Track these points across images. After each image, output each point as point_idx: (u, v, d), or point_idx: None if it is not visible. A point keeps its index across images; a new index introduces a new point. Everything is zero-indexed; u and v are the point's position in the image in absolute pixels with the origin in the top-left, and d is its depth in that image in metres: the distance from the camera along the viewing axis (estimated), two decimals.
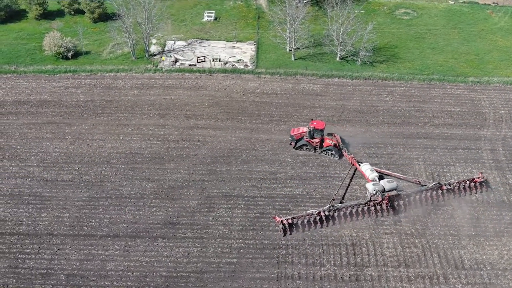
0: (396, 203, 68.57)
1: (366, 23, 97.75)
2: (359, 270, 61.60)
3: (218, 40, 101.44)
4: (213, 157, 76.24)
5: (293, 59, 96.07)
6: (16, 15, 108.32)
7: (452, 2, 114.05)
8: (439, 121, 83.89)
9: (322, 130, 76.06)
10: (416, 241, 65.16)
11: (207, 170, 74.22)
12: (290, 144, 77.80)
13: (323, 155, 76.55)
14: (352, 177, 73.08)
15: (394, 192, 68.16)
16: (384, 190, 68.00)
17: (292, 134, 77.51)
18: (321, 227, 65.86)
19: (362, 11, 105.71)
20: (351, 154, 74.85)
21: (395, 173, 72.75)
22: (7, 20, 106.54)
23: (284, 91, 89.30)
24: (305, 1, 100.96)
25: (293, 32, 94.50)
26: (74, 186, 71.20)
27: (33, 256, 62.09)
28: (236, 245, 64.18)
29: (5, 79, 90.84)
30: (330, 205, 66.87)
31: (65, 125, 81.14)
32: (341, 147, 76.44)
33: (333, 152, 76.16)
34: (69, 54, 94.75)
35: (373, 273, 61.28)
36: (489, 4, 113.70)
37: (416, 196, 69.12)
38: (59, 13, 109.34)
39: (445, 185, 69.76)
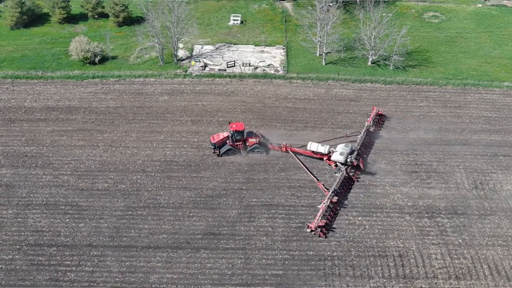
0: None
1: (397, 26, 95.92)
2: (409, 283, 59.94)
3: (246, 44, 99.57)
4: (249, 165, 74.54)
5: (324, 63, 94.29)
6: (39, 19, 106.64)
7: (481, 5, 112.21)
8: (477, 127, 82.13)
9: (242, 132, 75.06)
10: (465, 251, 63.48)
11: (244, 178, 72.56)
12: (214, 152, 75.55)
13: (250, 155, 75.61)
14: (302, 162, 73.73)
15: (356, 152, 73.58)
16: (350, 154, 72.51)
17: (214, 141, 74.99)
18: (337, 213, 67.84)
19: (390, 14, 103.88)
20: (283, 143, 75.42)
21: (328, 140, 76.79)
22: (30, 24, 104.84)
23: (317, 97, 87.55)
24: (336, 5, 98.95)
25: (324, 36, 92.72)
26: (110, 195, 69.60)
27: (73, 268, 60.55)
28: (280, 256, 62.55)
29: (32, 85, 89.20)
30: (332, 189, 68.19)
31: (97, 132, 79.49)
32: (265, 142, 76.88)
33: (259, 150, 75.43)
34: (96, 59, 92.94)
35: (424, 286, 59.63)
36: None
37: (362, 146, 76.36)
38: (82, 17, 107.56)
39: (370, 128, 78.39)
